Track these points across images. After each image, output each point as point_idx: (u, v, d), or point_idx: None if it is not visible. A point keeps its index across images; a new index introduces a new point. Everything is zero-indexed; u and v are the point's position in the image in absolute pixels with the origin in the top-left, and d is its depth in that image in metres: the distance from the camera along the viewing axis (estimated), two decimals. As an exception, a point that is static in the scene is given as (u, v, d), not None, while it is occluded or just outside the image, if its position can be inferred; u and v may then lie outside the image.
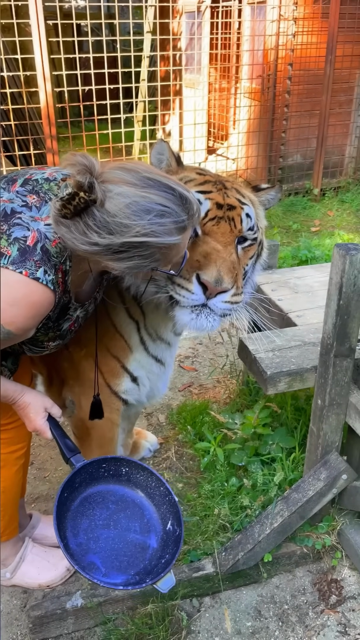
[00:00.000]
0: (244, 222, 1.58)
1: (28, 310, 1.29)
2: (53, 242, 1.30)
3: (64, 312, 1.47)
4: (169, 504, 1.50)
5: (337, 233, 5.19)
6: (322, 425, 1.86)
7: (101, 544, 1.41)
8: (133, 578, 1.36)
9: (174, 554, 1.39)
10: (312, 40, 5.82)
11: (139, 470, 1.53)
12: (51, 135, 4.74)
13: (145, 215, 1.21)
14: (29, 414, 1.50)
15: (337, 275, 1.63)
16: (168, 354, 1.95)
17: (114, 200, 1.20)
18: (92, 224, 1.20)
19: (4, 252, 1.27)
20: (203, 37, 6.75)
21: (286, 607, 1.91)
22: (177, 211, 1.24)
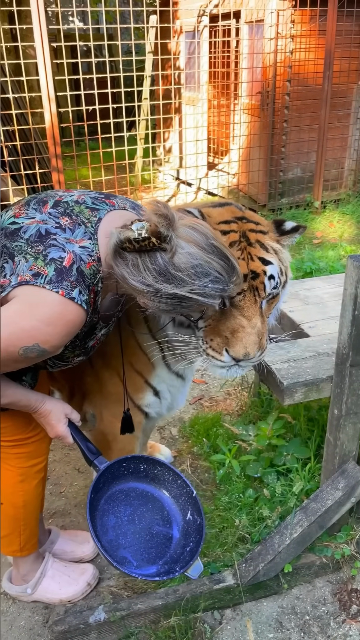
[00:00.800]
0: (267, 288, 1.63)
1: (62, 328, 1.33)
2: (87, 264, 1.36)
3: (92, 331, 1.52)
4: (187, 495, 1.60)
5: (339, 245, 5.24)
6: (339, 434, 1.88)
7: (129, 538, 1.50)
8: (162, 567, 1.46)
9: (198, 542, 1.49)
10: (309, 56, 5.94)
11: (156, 466, 1.62)
12: (56, 154, 4.81)
13: (204, 278, 1.29)
14: (50, 421, 1.55)
15: (351, 286, 1.66)
16: (189, 369, 1.99)
17: (183, 257, 1.27)
18: (151, 267, 1.26)
19: (41, 272, 1.31)
20: (202, 55, 6.88)
21: (307, 618, 1.92)
22: (227, 280, 1.33)
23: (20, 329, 1.30)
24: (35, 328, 1.30)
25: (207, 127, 7.14)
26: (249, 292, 1.59)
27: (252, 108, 6.41)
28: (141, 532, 1.53)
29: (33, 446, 1.73)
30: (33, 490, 1.79)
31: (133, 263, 1.28)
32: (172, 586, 1.91)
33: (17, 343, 1.30)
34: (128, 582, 2.03)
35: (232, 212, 1.70)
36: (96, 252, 1.39)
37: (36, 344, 1.31)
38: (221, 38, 6.34)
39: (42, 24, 4.40)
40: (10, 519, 1.81)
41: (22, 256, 1.34)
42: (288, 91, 6.03)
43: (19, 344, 1.31)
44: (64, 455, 2.71)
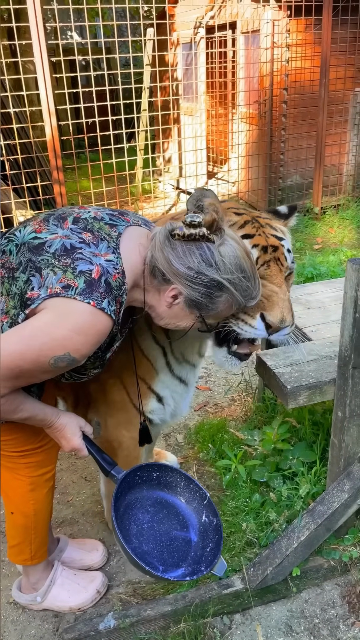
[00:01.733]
0: (288, 259, 1.75)
1: (93, 337, 1.38)
2: (113, 276, 1.41)
3: (112, 343, 1.55)
4: (200, 498, 1.65)
5: (340, 249, 5.27)
6: (344, 436, 1.89)
7: (152, 545, 1.55)
8: (187, 570, 1.52)
9: (218, 542, 1.56)
10: (305, 65, 6.00)
11: (168, 473, 1.68)
12: (57, 166, 4.87)
13: (240, 271, 1.44)
14: (66, 435, 1.57)
15: (351, 289, 1.68)
16: (192, 375, 2.02)
17: (227, 247, 1.44)
18: (197, 252, 1.41)
19: (71, 284, 1.35)
20: (199, 66, 6.96)
21: (317, 621, 1.92)
22: (254, 284, 1.50)
23: (53, 339, 1.33)
24: (67, 338, 1.34)
25: (206, 137, 7.21)
26: (273, 263, 1.70)
27: (250, 117, 6.48)
28: (162, 538, 1.58)
29: (42, 455, 1.75)
30: (43, 498, 1.81)
31: (180, 249, 1.41)
32: (180, 592, 1.92)
33: (48, 353, 1.34)
34: (137, 588, 2.03)
35: (235, 205, 1.83)
36: (120, 265, 1.44)
37: (67, 353, 1.35)
38: (218, 49, 6.42)
39: (41, 39, 4.47)
40: (21, 528, 1.82)
41: (50, 269, 1.38)
42: (285, 99, 6.09)
43: (50, 354, 1.34)
44: (71, 464, 2.73)
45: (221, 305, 1.47)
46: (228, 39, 6.45)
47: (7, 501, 1.80)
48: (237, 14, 6.34)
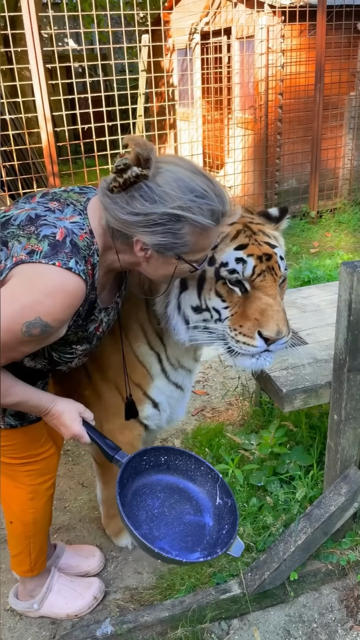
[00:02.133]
0: (281, 267, 1.68)
1: (63, 299, 1.32)
2: (80, 236, 1.37)
3: (91, 311, 1.50)
4: (213, 480, 1.57)
5: (336, 253, 5.28)
6: (340, 440, 1.89)
7: (163, 530, 1.48)
8: (202, 554, 1.44)
9: (234, 523, 1.48)
10: (300, 70, 6.03)
11: (177, 456, 1.60)
12: (53, 173, 4.88)
13: (189, 192, 1.32)
14: (65, 421, 1.51)
15: (345, 292, 1.69)
16: (188, 380, 2.01)
17: (164, 174, 1.33)
18: (137, 195, 1.32)
19: (35, 249, 1.32)
20: (194, 72, 7.00)
21: (315, 626, 1.91)
22: (214, 199, 1.35)
23: (22, 304, 1.29)
24: (36, 301, 1.30)
25: (202, 142, 7.24)
26: (267, 273, 1.64)
27: (245, 122, 6.51)
28: (174, 523, 1.51)
29: (43, 463, 1.74)
30: (43, 507, 1.80)
31: (121, 200, 1.33)
32: (178, 597, 1.91)
33: (19, 319, 1.29)
34: (134, 594, 2.03)
35: None
36: (87, 225, 1.40)
37: (38, 317, 1.30)
38: (213, 54, 6.45)
39: (37, 46, 4.49)
40: (20, 537, 1.81)
41: (15, 240, 1.35)
42: (281, 104, 6.12)
43: (21, 320, 1.29)
44: (68, 470, 2.72)
45: (190, 236, 1.36)
46: (223, 44, 6.48)
47: (6, 510, 1.79)
48: (231, 20, 6.38)
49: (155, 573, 2.10)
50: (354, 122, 6.58)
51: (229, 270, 1.61)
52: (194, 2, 6.79)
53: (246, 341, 1.62)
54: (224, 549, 1.43)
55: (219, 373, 3.51)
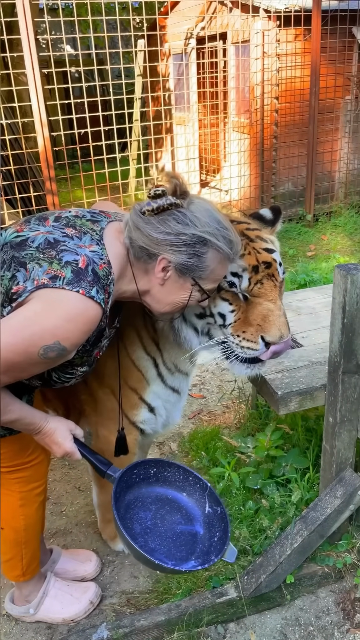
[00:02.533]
0: (280, 273, 1.72)
1: (83, 326, 1.36)
2: (100, 266, 1.41)
3: (99, 338, 1.54)
4: (201, 489, 1.63)
5: (332, 256, 5.30)
6: (335, 442, 1.90)
7: (157, 542, 1.52)
8: (196, 561, 1.49)
9: (225, 530, 1.54)
10: (296, 74, 6.06)
11: (165, 468, 1.65)
12: (50, 177, 4.89)
13: (215, 222, 1.48)
14: (56, 439, 1.53)
15: (339, 295, 1.69)
16: (185, 383, 2.02)
17: (196, 205, 1.48)
18: (170, 219, 1.45)
19: (58, 275, 1.34)
20: (190, 76, 7.02)
21: (311, 629, 1.91)
22: (231, 233, 1.51)
23: (42, 327, 1.31)
24: (57, 326, 1.32)
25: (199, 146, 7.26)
26: (266, 280, 1.68)
27: (241, 126, 6.53)
28: (167, 534, 1.55)
29: (32, 470, 1.73)
30: (34, 513, 1.79)
31: (154, 221, 1.45)
32: (174, 601, 1.91)
33: (38, 342, 1.31)
34: (131, 599, 2.02)
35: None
36: (105, 255, 1.44)
37: (57, 342, 1.32)
38: (209, 59, 6.48)
39: (33, 52, 4.51)
40: (11, 544, 1.80)
41: (35, 262, 1.37)
42: (276, 108, 6.14)
43: (40, 343, 1.31)
44: (64, 475, 2.72)
45: (210, 262, 1.48)
46: (219, 49, 6.51)
47: None
48: (227, 25, 6.41)
49: (151, 577, 2.10)
50: (349, 126, 6.61)
51: (228, 283, 1.66)
52: (189, 8, 6.82)
53: (250, 346, 1.67)
54: (219, 556, 1.47)
55: (216, 376, 3.52)
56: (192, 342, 1.78)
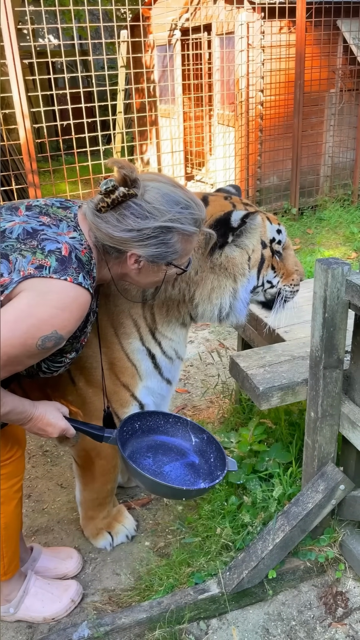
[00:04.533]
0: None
1: (77, 312, 1.39)
2: (82, 251, 1.42)
3: (85, 323, 1.56)
4: (183, 426, 1.80)
5: (317, 250, 5.30)
6: (317, 437, 1.89)
7: (168, 480, 1.67)
8: (205, 482, 1.67)
9: (217, 448, 1.73)
10: (281, 66, 6.03)
11: (146, 418, 1.79)
12: (32, 170, 4.82)
13: (175, 205, 1.44)
14: (50, 421, 1.54)
15: (320, 289, 1.68)
16: (178, 371, 2.08)
17: (151, 192, 1.44)
18: (127, 213, 1.41)
19: (44, 264, 1.35)
20: (175, 68, 6.96)
21: (294, 624, 1.91)
22: (196, 208, 1.49)
23: (39, 318, 1.32)
24: (53, 315, 1.34)
25: (184, 139, 7.21)
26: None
27: (226, 118, 6.49)
28: (172, 471, 1.71)
29: (11, 467, 1.71)
30: (12, 511, 1.77)
31: (112, 219, 1.42)
32: (156, 598, 1.89)
33: (36, 334, 1.32)
34: (112, 596, 2.00)
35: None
36: (84, 241, 1.45)
37: (54, 331, 1.34)
38: (193, 51, 6.42)
39: (13, 42, 4.42)
40: None
41: (18, 254, 1.37)
42: (261, 101, 6.11)
43: (37, 335, 1.33)
44: (47, 472, 2.69)
45: (178, 244, 1.49)
46: (203, 41, 6.46)
47: None
48: (211, 16, 6.36)
49: (133, 574, 2.08)
50: (334, 119, 6.61)
51: (277, 242, 1.95)
52: (174, -2, 6.75)
53: (297, 288, 2.07)
54: (224, 470, 1.65)
55: (200, 371, 3.50)
56: (242, 315, 1.96)
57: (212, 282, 1.84)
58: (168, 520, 2.32)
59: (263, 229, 1.91)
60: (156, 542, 2.22)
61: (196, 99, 7.01)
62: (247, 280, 1.89)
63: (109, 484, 2.13)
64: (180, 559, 2.03)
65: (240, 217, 1.78)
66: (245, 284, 1.89)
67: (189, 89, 6.80)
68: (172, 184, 1.49)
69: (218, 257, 1.83)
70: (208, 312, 1.89)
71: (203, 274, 1.84)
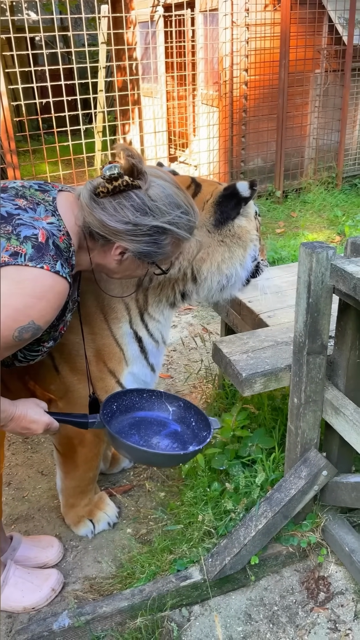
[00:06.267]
0: None
1: (54, 301, 1.33)
2: (60, 238, 1.35)
3: (64, 311, 1.50)
4: (157, 398, 1.83)
5: (301, 233, 5.27)
6: (300, 423, 1.87)
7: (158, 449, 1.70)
8: (194, 446, 1.70)
9: (196, 412, 1.78)
10: (265, 45, 5.92)
11: (122, 398, 1.78)
12: (10, 150, 4.68)
13: (176, 208, 1.42)
14: (32, 417, 1.49)
15: (304, 274, 1.64)
16: (161, 356, 2.05)
17: (156, 188, 1.39)
18: (128, 204, 1.36)
19: (19, 251, 1.28)
20: (158, 46, 6.80)
21: (276, 609, 1.91)
22: (192, 214, 1.48)
23: (15, 309, 1.26)
24: (29, 305, 1.28)
25: (167, 119, 7.08)
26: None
27: (210, 98, 6.38)
28: (159, 442, 1.73)
29: None
30: None
31: (110, 206, 1.36)
32: (138, 586, 1.88)
33: (12, 325, 1.27)
34: (94, 584, 1.98)
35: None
36: (63, 226, 1.39)
37: (32, 321, 1.29)
38: (176, 28, 6.27)
39: (-11, 15, 4.25)
40: None
41: None
42: (246, 80, 6.01)
43: (14, 326, 1.27)
44: (27, 459, 2.64)
45: (168, 247, 1.46)
46: (186, 17, 6.30)
47: None
48: (195, -8, 6.20)
49: (115, 562, 2.06)
50: (319, 100, 6.54)
51: (257, 214, 1.97)
52: (156, -27, 6.57)
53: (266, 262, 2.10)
54: (209, 430, 1.69)
55: (183, 356, 3.47)
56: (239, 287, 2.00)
57: (223, 254, 1.85)
58: (150, 507, 2.30)
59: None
60: (138, 529, 2.20)
61: (179, 77, 6.87)
62: (254, 246, 1.93)
63: (91, 472, 2.09)
64: (162, 546, 2.02)
65: (248, 187, 1.81)
66: (252, 252, 1.93)
67: (172, 67, 6.66)
68: (175, 185, 1.46)
69: (231, 229, 1.85)
70: (214, 283, 1.89)
71: (209, 249, 1.83)
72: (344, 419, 1.72)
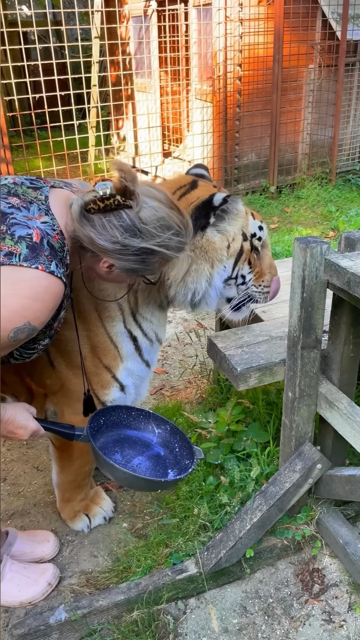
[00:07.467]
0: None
1: (50, 303, 1.33)
2: (54, 237, 1.35)
3: (59, 310, 1.50)
4: (145, 418, 1.82)
5: (295, 229, 5.28)
6: (294, 417, 1.88)
7: (138, 471, 1.68)
8: (174, 472, 1.70)
9: (182, 438, 1.77)
10: (259, 40, 5.91)
11: (110, 413, 1.79)
12: (4, 145, 4.66)
13: (167, 230, 1.39)
14: (20, 423, 1.49)
15: (299, 269, 1.65)
16: (157, 355, 2.05)
17: (148, 211, 1.37)
18: (117, 224, 1.33)
19: (13, 251, 1.28)
20: (151, 40, 6.77)
21: (271, 601, 1.93)
22: (184, 234, 1.44)
23: (10, 310, 1.26)
24: (24, 306, 1.28)
25: (161, 114, 7.06)
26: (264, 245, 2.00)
27: (204, 93, 6.36)
28: (141, 463, 1.73)
29: None
30: None
31: (99, 223, 1.34)
32: (134, 580, 1.89)
33: (8, 326, 1.27)
34: (90, 579, 1.99)
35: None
36: (57, 226, 1.39)
37: (27, 322, 1.29)
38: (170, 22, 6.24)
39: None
40: None
41: None
42: (239, 76, 6.00)
43: (10, 327, 1.27)
44: (22, 454, 2.65)
45: (156, 264, 1.45)
46: (180, 12, 6.28)
47: None
48: (189, -13, 6.18)
49: (111, 556, 2.07)
50: (312, 96, 6.54)
51: (257, 238, 1.91)
52: (150, -33, 6.53)
53: (268, 290, 1.99)
54: (193, 459, 1.69)
55: (178, 351, 3.48)
56: (213, 304, 1.94)
57: (190, 265, 1.79)
58: (146, 501, 2.31)
59: (245, 221, 1.88)
60: (134, 523, 2.21)
61: (173, 72, 6.85)
62: (223, 267, 1.85)
63: (87, 466, 2.10)
64: (158, 539, 2.03)
65: (221, 198, 1.76)
66: (221, 271, 1.85)
67: (165, 62, 6.64)
68: (169, 204, 1.42)
69: (199, 239, 1.79)
70: (181, 295, 1.84)
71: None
72: (338, 413, 1.74)
